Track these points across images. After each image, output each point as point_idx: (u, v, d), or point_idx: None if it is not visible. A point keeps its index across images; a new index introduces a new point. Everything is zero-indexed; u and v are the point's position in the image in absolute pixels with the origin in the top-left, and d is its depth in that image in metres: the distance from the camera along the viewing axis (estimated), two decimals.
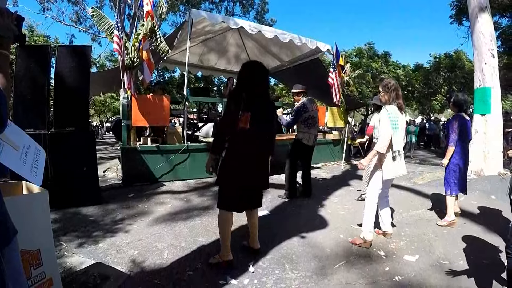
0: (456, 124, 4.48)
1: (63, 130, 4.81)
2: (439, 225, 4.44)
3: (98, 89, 11.80)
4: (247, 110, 2.92)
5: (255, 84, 3.05)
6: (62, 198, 4.66)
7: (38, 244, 2.14)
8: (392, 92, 3.59)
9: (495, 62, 7.81)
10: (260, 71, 3.15)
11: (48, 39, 22.69)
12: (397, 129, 3.49)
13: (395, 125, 3.48)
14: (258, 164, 3.10)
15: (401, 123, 3.56)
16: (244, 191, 3.07)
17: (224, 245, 3.05)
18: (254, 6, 25.70)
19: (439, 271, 3.08)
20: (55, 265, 2.34)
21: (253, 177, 3.08)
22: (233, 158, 3.03)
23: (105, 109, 36.05)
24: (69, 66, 4.91)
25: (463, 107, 4.61)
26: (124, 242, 3.58)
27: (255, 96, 3.02)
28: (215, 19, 7.48)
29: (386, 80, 3.79)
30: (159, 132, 7.41)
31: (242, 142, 3.01)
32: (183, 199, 5.45)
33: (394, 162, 3.53)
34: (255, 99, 3.01)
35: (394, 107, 3.56)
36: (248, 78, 3.06)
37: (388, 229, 3.89)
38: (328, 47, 9.40)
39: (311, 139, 5.65)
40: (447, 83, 25.35)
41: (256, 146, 3.05)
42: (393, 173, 3.55)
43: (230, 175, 3.02)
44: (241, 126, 2.92)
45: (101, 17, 6.64)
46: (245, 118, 2.92)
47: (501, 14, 16.29)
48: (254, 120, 2.96)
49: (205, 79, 24.07)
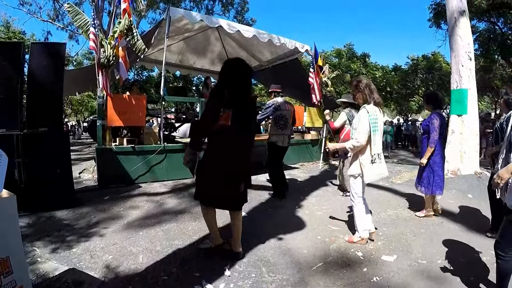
0: (437, 123, 4.49)
1: (36, 130, 4.67)
2: (418, 216, 4.71)
3: (73, 88, 11.52)
4: (229, 108, 2.94)
5: (237, 82, 3.06)
6: (36, 202, 4.57)
7: (7, 251, 2.07)
8: (365, 89, 3.53)
9: (472, 65, 7.99)
10: (242, 69, 3.15)
11: (24, 35, 22.16)
12: (377, 131, 3.44)
13: (375, 126, 3.42)
14: (236, 161, 3.08)
15: (380, 125, 3.49)
16: (216, 189, 3.08)
17: (212, 232, 3.31)
18: (234, 5, 25.60)
19: (418, 271, 3.13)
20: (26, 273, 2.27)
21: (230, 173, 3.08)
22: (211, 154, 3.07)
23: (82, 108, 35.37)
24: (43, 64, 4.78)
25: (441, 105, 4.73)
26: (99, 246, 3.52)
27: (237, 94, 3.02)
28: (193, 17, 7.39)
29: (354, 80, 3.73)
30: (136, 132, 7.31)
31: (222, 139, 3.02)
32: (160, 201, 5.39)
33: (373, 165, 3.48)
34: (236, 97, 3.02)
35: (372, 106, 3.49)
36: (231, 76, 3.05)
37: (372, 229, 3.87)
38: (307, 48, 9.45)
39: (285, 140, 5.72)
40: (424, 84, 25.90)
41: (235, 143, 3.04)
42: (374, 176, 3.54)
43: (206, 168, 3.08)
44: (222, 123, 2.94)
45: (77, 13, 6.50)
46: (226, 115, 2.94)
47: (478, 19, 16.70)
48: (234, 118, 2.97)
49: (183, 78, 23.86)
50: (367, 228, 3.75)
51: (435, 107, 4.67)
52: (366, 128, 3.39)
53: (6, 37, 19.80)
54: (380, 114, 3.52)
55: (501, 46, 16.83)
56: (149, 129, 7.35)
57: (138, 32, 6.67)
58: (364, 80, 3.63)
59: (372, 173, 3.50)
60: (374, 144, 3.46)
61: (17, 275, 2.11)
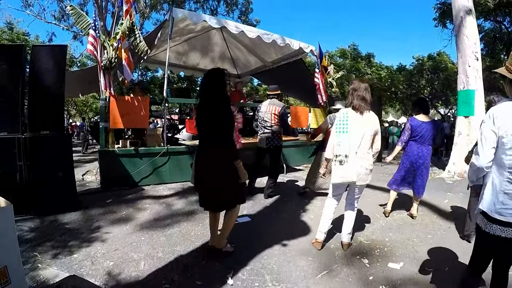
0: (408, 125, 4.82)
1: (38, 133, 4.65)
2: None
3: (76, 90, 11.50)
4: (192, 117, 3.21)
5: (201, 92, 3.35)
6: (38, 205, 4.55)
7: (5, 260, 2.05)
8: (350, 95, 3.55)
9: (479, 65, 7.91)
10: (203, 80, 3.35)
11: (28, 37, 22.22)
12: (344, 132, 3.40)
13: (341, 128, 3.43)
14: (208, 167, 3.17)
15: (352, 128, 3.40)
16: (202, 191, 3.33)
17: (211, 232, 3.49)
18: (238, 6, 25.59)
19: (425, 279, 3.05)
20: (24, 282, 2.25)
21: (203, 179, 3.23)
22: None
23: (86, 109, 35.49)
24: (44, 67, 4.77)
25: (425, 110, 4.86)
26: (100, 252, 3.47)
27: (201, 103, 3.27)
28: (197, 18, 7.34)
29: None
30: (139, 134, 7.27)
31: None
32: (162, 204, 5.34)
33: (341, 167, 3.39)
34: (200, 106, 3.27)
35: (349, 110, 3.50)
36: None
37: (344, 239, 3.74)
38: (311, 48, 9.36)
39: (263, 141, 5.75)
40: (429, 85, 25.73)
41: (204, 149, 3.24)
42: (338, 178, 3.43)
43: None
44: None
45: (79, 15, 6.46)
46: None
47: (484, 18, 16.56)
48: (198, 126, 3.25)
49: (188, 79, 23.86)
50: (321, 230, 3.71)
51: (418, 111, 4.87)
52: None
53: (10, 38, 19.83)
54: (359, 118, 3.44)
55: (507, 45, 16.68)
56: (152, 131, 7.30)
57: (142, 33, 6.63)
58: (352, 85, 3.63)
59: (336, 174, 3.44)
60: (339, 145, 3.42)
61: (15, 284, 2.08)
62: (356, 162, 3.36)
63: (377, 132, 3.48)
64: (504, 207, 1.99)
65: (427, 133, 4.66)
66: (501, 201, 2.01)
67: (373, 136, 3.45)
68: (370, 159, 3.47)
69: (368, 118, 3.44)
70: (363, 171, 3.39)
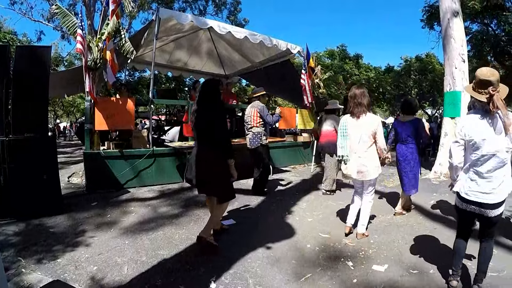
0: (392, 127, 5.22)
1: (22, 136, 4.60)
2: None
3: (62, 91, 11.36)
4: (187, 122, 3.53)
5: (199, 99, 3.67)
6: (22, 208, 4.52)
7: None
8: (348, 102, 4.03)
9: (465, 67, 7.98)
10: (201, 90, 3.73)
11: (15, 35, 21.88)
12: (345, 137, 3.93)
13: (342, 132, 3.96)
14: (203, 163, 3.59)
15: (351, 132, 3.90)
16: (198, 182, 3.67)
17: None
18: (226, 6, 25.49)
19: (409, 281, 3.07)
20: None
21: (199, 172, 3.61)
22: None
23: (74, 109, 35.14)
24: (27, 68, 4.73)
25: (401, 109, 5.21)
26: (84, 257, 3.46)
27: (198, 109, 3.66)
28: (184, 18, 7.30)
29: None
30: (125, 135, 7.22)
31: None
32: (147, 207, 5.33)
33: (344, 166, 3.94)
34: (197, 111, 3.67)
35: (344, 117, 4.07)
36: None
37: (358, 229, 4.14)
38: (299, 49, 9.42)
39: (248, 142, 6.03)
40: (417, 85, 26.01)
41: (200, 147, 3.66)
42: (342, 175, 4.18)
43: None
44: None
45: (64, 15, 6.38)
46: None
47: (471, 20, 16.72)
48: (195, 128, 3.73)
49: (176, 80, 23.73)
50: (347, 221, 4.24)
51: (401, 112, 5.25)
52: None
53: None
54: (355, 122, 3.90)
55: (494, 47, 16.88)
56: (137, 132, 7.25)
57: (130, 33, 6.59)
58: (351, 92, 4.01)
59: (342, 172, 4.07)
60: (341, 148, 3.95)
61: None
62: (356, 161, 3.85)
63: (376, 131, 3.82)
64: (470, 190, 2.64)
65: (403, 132, 4.89)
66: (468, 185, 2.67)
67: (372, 135, 3.83)
68: (370, 157, 3.87)
69: (364, 121, 3.85)
70: (363, 169, 3.84)
